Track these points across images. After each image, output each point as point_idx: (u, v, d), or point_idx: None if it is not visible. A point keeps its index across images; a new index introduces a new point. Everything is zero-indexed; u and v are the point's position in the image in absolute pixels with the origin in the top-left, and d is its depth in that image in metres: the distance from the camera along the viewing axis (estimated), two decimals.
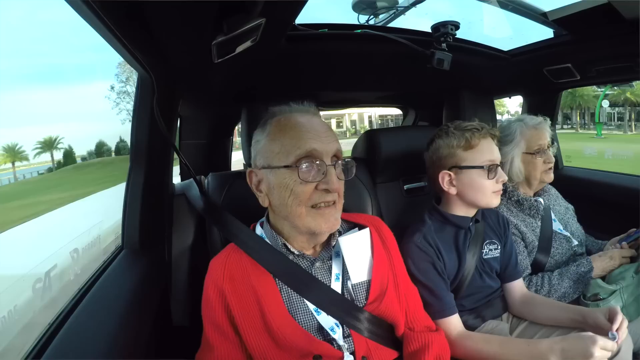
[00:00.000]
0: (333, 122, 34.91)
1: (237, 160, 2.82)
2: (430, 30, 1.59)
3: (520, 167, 1.74)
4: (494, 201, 1.41)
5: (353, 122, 34.94)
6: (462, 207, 1.45)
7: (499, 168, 1.40)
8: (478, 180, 1.39)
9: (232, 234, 1.19)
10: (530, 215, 1.70)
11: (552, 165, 1.76)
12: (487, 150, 1.39)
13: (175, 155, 1.54)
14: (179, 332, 1.43)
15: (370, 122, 33.02)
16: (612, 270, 1.56)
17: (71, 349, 0.84)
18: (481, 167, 1.38)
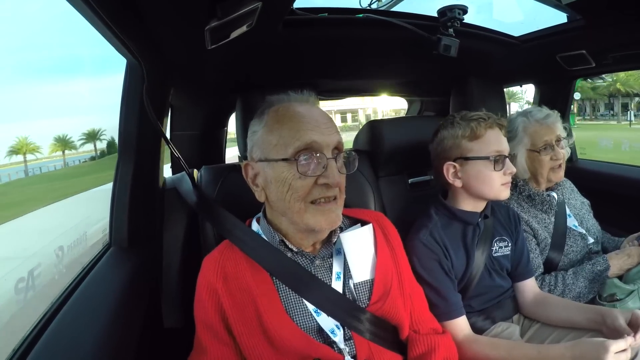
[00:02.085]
0: (349, 117, 37.01)
1: (231, 157, 2.81)
2: (436, 15, 1.58)
3: (524, 164, 1.72)
4: (502, 194, 1.40)
5: (368, 117, 35.45)
6: (469, 201, 1.45)
7: (507, 159, 1.39)
8: (484, 172, 1.38)
9: (226, 230, 1.18)
10: (543, 210, 1.69)
11: (560, 162, 1.71)
12: (494, 141, 1.38)
13: (167, 148, 1.53)
14: (170, 334, 1.42)
15: (383, 116, 33.40)
16: (629, 269, 1.55)
17: (56, 353, 0.84)
18: (487, 158, 1.37)
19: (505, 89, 2.38)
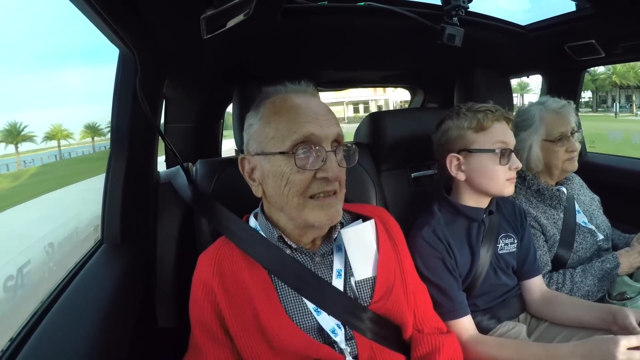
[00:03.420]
0: (361, 107, 39.11)
1: (227, 149, 2.81)
2: (440, 3, 1.56)
3: (539, 155, 1.70)
4: (506, 190, 1.39)
5: (379, 107, 35.91)
6: (473, 196, 1.44)
7: (513, 154, 1.38)
8: (489, 166, 1.37)
9: (222, 226, 1.18)
10: (552, 206, 1.68)
11: (575, 154, 1.71)
12: (501, 134, 1.37)
13: (161, 141, 1.52)
14: (164, 334, 1.42)
15: (395, 107, 33.87)
16: None
17: (45, 353, 0.83)
18: (492, 151, 1.36)
19: (515, 80, 2.37)
